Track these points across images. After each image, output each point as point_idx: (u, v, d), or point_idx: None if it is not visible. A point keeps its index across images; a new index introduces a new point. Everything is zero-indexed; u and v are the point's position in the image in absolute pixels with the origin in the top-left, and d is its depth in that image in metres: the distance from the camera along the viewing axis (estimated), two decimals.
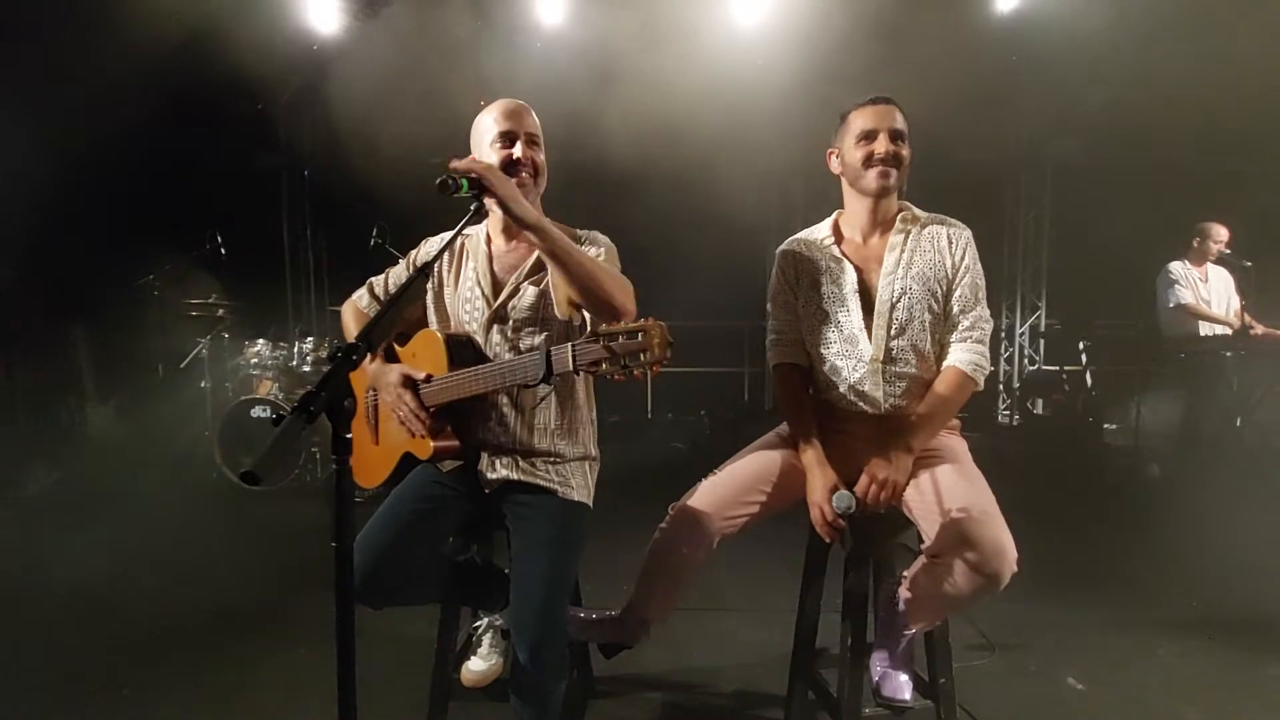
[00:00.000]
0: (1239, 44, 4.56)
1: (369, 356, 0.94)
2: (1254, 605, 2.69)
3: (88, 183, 4.49)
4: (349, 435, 0.85)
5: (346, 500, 0.85)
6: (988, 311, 1.74)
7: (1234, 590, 2.82)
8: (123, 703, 2.06)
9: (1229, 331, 4.39)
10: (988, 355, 1.71)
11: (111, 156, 4.53)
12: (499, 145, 1.60)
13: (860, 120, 1.72)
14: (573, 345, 1.36)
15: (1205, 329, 4.48)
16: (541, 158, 1.64)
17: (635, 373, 1.30)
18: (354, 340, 0.92)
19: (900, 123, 1.70)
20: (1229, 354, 4.38)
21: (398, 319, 1.08)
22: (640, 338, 1.28)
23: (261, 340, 4.54)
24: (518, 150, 1.59)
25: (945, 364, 1.70)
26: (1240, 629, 2.50)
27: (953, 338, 1.71)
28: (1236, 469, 4.26)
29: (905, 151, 1.70)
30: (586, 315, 1.62)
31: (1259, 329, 4.35)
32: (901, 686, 1.69)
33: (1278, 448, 4.38)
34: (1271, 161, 4.97)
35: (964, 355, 1.68)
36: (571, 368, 1.37)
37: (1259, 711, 2.04)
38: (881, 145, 1.68)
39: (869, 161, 1.69)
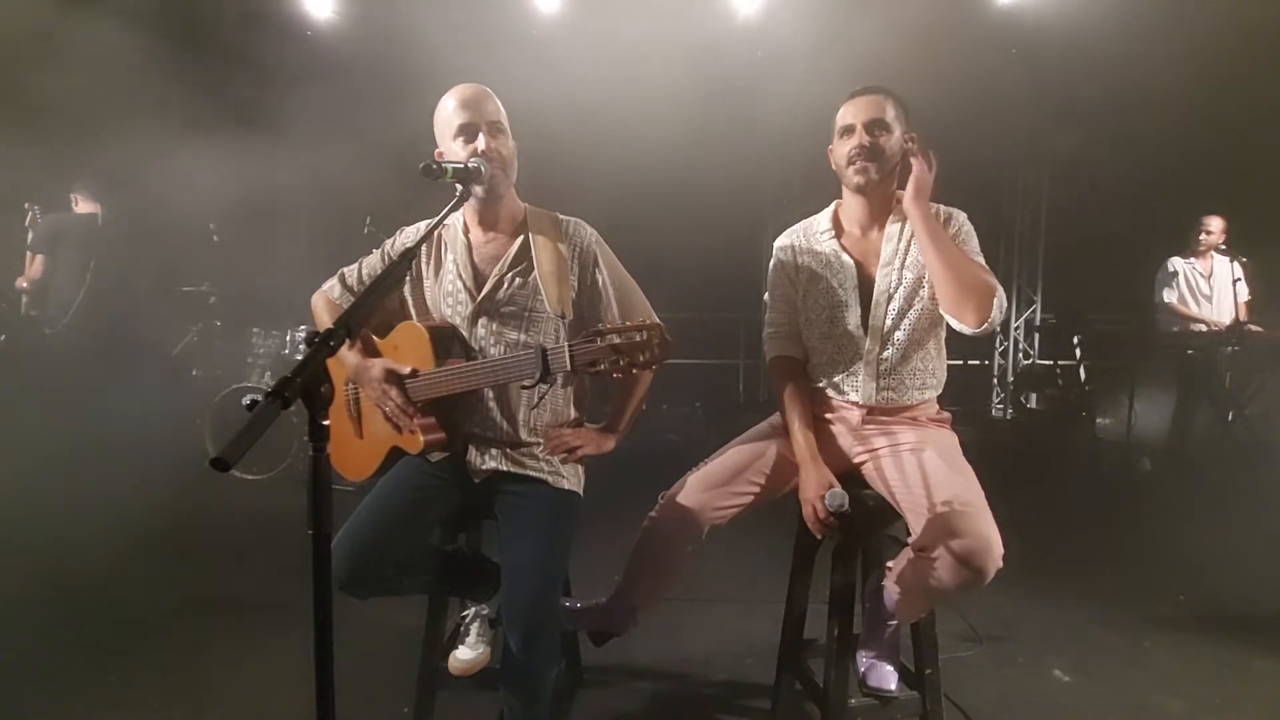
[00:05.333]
0: (1239, 38, 4.54)
1: (347, 344, 0.92)
2: (1241, 600, 2.71)
3: None
4: (326, 422, 0.84)
5: (324, 487, 0.84)
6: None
7: (1222, 585, 2.83)
8: (109, 689, 2.05)
9: (1221, 327, 4.40)
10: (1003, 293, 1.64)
11: None
12: (462, 140, 1.57)
13: (840, 115, 1.70)
14: (570, 345, 1.35)
15: (1198, 324, 4.49)
16: (509, 146, 1.59)
17: (634, 371, 1.30)
18: (332, 326, 0.91)
19: (884, 112, 1.65)
20: (1224, 350, 4.39)
21: (377, 306, 1.07)
22: (639, 337, 1.28)
23: (255, 329, 4.51)
24: (480, 143, 1.55)
25: None
26: (1227, 623, 2.52)
27: None
28: (1228, 464, 4.28)
29: (888, 142, 1.65)
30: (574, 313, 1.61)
31: (1252, 327, 4.35)
32: (887, 677, 1.70)
33: (1269, 443, 4.40)
34: (1271, 156, 4.96)
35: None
36: (570, 368, 1.36)
37: (1244, 705, 2.05)
38: (856, 140, 1.65)
39: (848, 158, 1.67)
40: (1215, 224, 4.42)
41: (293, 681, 2.08)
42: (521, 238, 1.64)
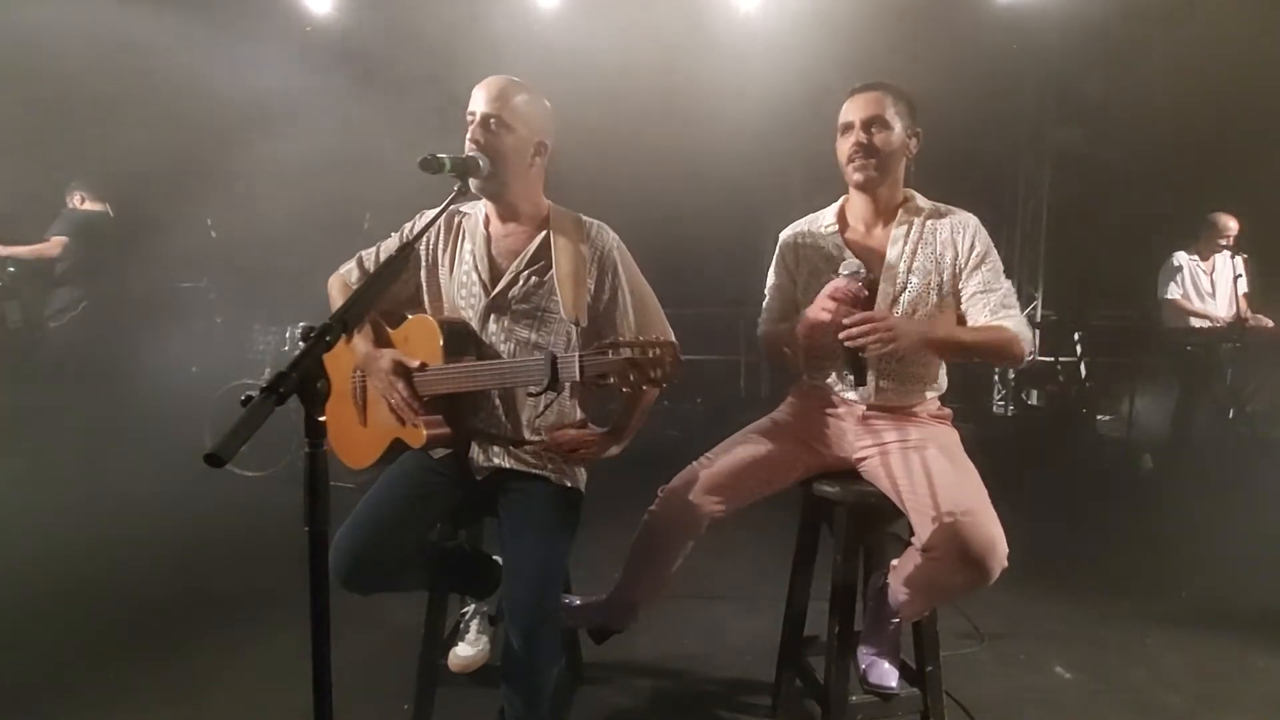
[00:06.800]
0: (1241, 33, 4.52)
1: (345, 338, 0.91)
2: (1243, 597, 2.70)
3: None
4: (322, 419, 0.83)
5: (320, 484, 0.83)
6: (1009, 283, 1.69)
7: (1224, 581, 2.82)
8: (108, 686, 2.05)
9: (1222, 324, 4.39)
10: (1028, 325, 1.66)
11: None
12: (468, 129, 1.56)
13: (842, 112, 1.69)
14: (580, 356, 1.34)
15: (1201, 320, 4.47)
16: (506, 141, 1.53)
17: (643, 387, 1.29)
18: (330, 320, 0.90)
19: (883, 109, 1.63)
20: (1225, 346, 4.38)
21: (379, 299, 1.06)
22: (653, 354, 1.26)
23: (255, 325, 4.51)
24: (469, 133, 1.54)
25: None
26: (1229, 620, 2.51)
27: (986, 316, 1.63)
28: (1229, 461, 4.27)
29: (887, 138, 1.63)
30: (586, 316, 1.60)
31: (1251, 319, 4.34)
32: (888, 674, 1.69)
33: (1270, 440, 4.39)
34: (1274, 151, 4.94)
35: (1007, 323, 1.61)
36: (579, 378, 1.35)
37: (1245, 702, 2.04)
38: (854, 138, 1.64)
39: (848, 156, 1.66)
40: (1232, 225, 4.38)
41: (295, 678, 2.07)
42: (542, 235, 1.62)
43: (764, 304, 1.85)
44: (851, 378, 1.56)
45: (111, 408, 4.31)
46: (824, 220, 1.79)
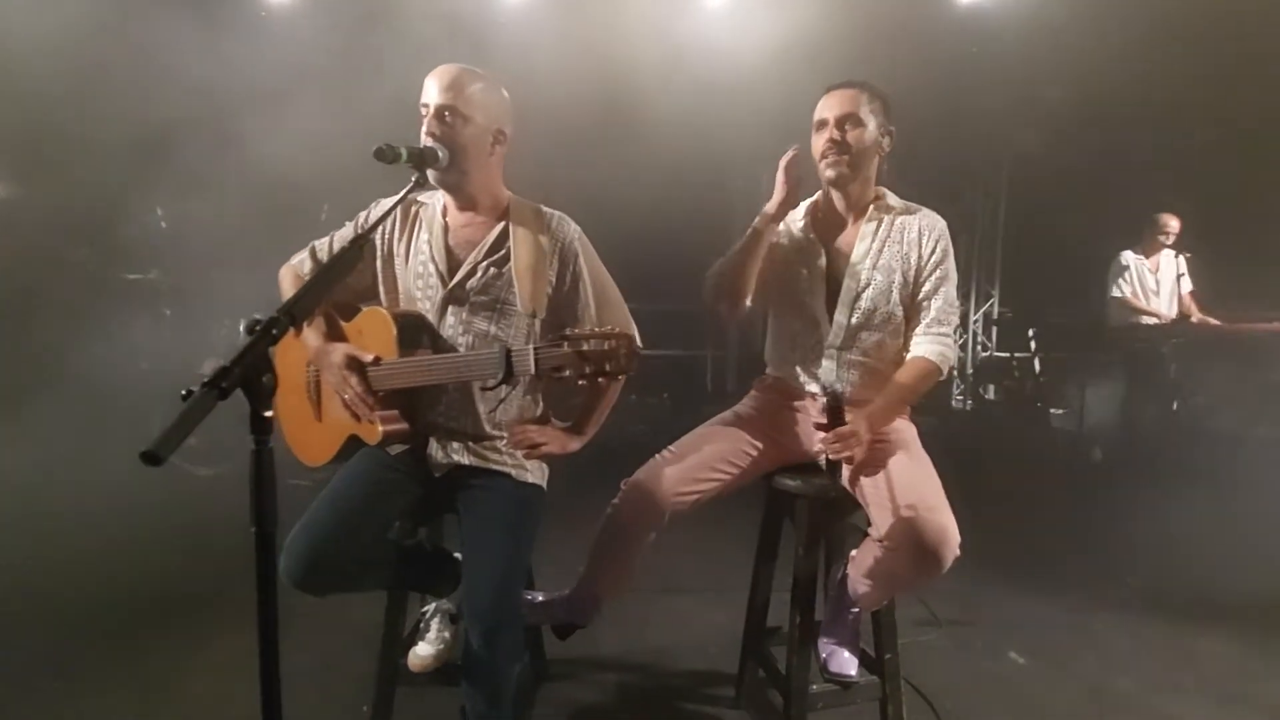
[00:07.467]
0: (1194, 40, 4.68)
1: (293, 331, 0.88)
2: (1188, 582, 2.80)
3: None
4: (268, 414, 0.80)
5: (267, 482, 0.80)
6: (955, 296, 1.74)
7: (1169, 568, 2.94)
8: (59, 688, 1.99)
9: (1167, 320, 4.56)
10: (954, 345, 1.73)
11: None
12: (422, 115, 1.53)
13: (816, 109, 1.71)
14: (535, 349, 1.33)
15: (1147, 317, 4.64)
16: (464, 132, 1.50)
17: (599, 380, 1.28)
18: (277, 312, 0.86)
19: (858, 107, 1.65)
20: (1169, 342, 4.55)
21: (329, 292, 1.03)
22: (607, 346, 1.25)
23: (207, 318, 4.37)
24: (425, 125, 1.51)
25: (911, 355, 1.69)
26: (1175, 605, 2.61)
27: (919, 330, 1.70)
28: (1174, 452, 4.43)
29: (860, 136, 1.65)
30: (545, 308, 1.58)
31: (1195, 316, 4.53)
32: (847, 663, 1.72)
33: (1212, 431, 4.57)
34: (1222, 156, 5.14)
35: (931, 346, 1.68)
36: (534, 371, 1.33)
37: (1190, 683, 2.13)
38: (827, 135, 1.66)
39: (821, 152, 1.68)
40: (1173, 224, 4.55)
41: (237, 678, 2.00)
42: (501, 225, 1.59)
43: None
44: (826, 471, 1.64)
45: (53, 407, 4.12)
46: (796, 214, 1.80)
